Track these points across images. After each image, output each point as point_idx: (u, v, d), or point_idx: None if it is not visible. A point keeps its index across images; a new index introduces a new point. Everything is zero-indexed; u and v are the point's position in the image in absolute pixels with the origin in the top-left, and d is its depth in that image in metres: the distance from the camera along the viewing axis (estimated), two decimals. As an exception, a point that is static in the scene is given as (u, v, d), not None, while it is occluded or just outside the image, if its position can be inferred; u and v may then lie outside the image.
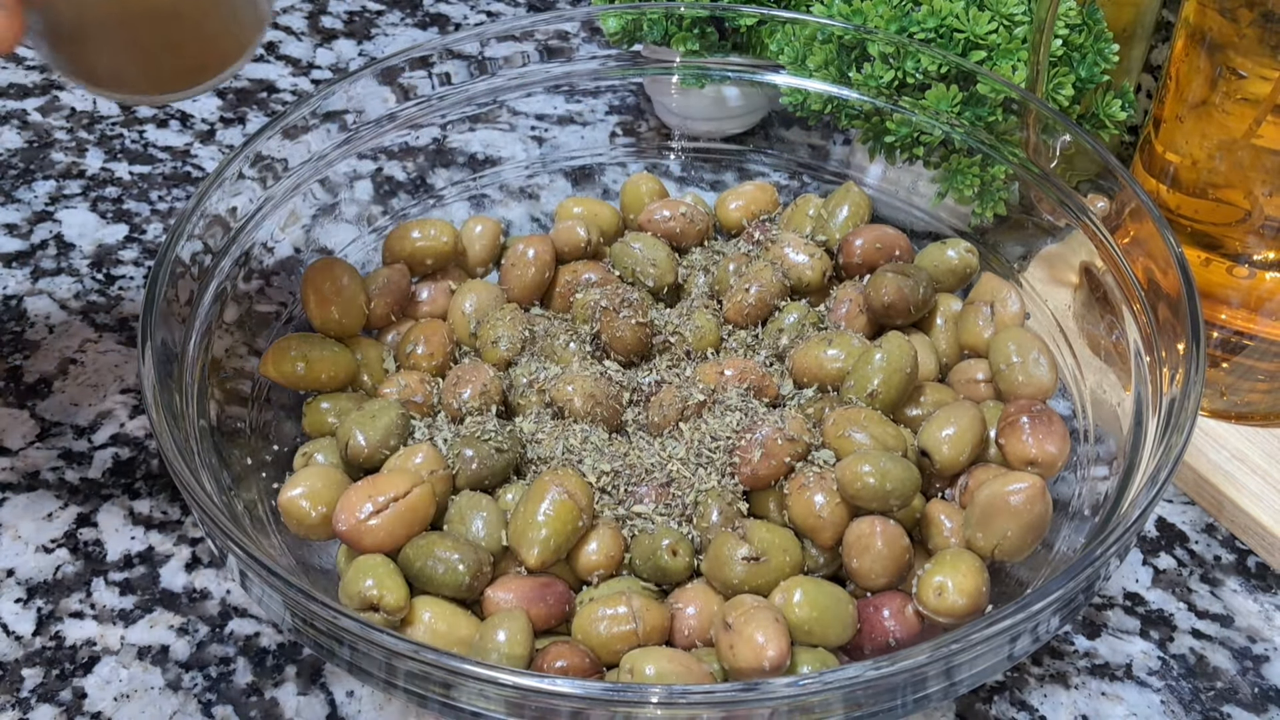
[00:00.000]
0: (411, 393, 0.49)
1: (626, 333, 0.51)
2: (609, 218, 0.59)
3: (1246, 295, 0.52)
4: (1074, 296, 0.53)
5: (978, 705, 0.46)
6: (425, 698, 0.35)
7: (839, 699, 0.34)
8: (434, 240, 0.55)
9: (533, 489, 0.44)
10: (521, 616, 0.41)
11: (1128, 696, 0.47)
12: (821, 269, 0.54)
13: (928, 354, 0.52)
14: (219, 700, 0.46)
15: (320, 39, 0.86)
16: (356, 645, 0.35)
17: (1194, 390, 0.41)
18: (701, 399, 0.48)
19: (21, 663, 0.47)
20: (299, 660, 0.47)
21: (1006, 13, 0.56)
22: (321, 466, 0.47)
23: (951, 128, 0.57)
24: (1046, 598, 0.35)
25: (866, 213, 0.57)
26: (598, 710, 0.34)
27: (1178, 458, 0.39)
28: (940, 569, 0.42)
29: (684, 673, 0.40)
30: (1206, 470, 0.53)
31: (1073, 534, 0.45)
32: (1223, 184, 0.51)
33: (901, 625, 0.42)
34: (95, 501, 0.53)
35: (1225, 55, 0.48)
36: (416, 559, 0.42)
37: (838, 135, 0.63)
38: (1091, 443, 0.49)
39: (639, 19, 0.62)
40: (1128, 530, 0.37)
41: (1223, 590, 0.51)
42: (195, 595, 0.50)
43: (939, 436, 0.46)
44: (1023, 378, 0.49)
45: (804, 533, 0.44)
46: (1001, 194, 0.57)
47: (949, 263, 0.54)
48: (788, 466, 0.45)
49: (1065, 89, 0.57)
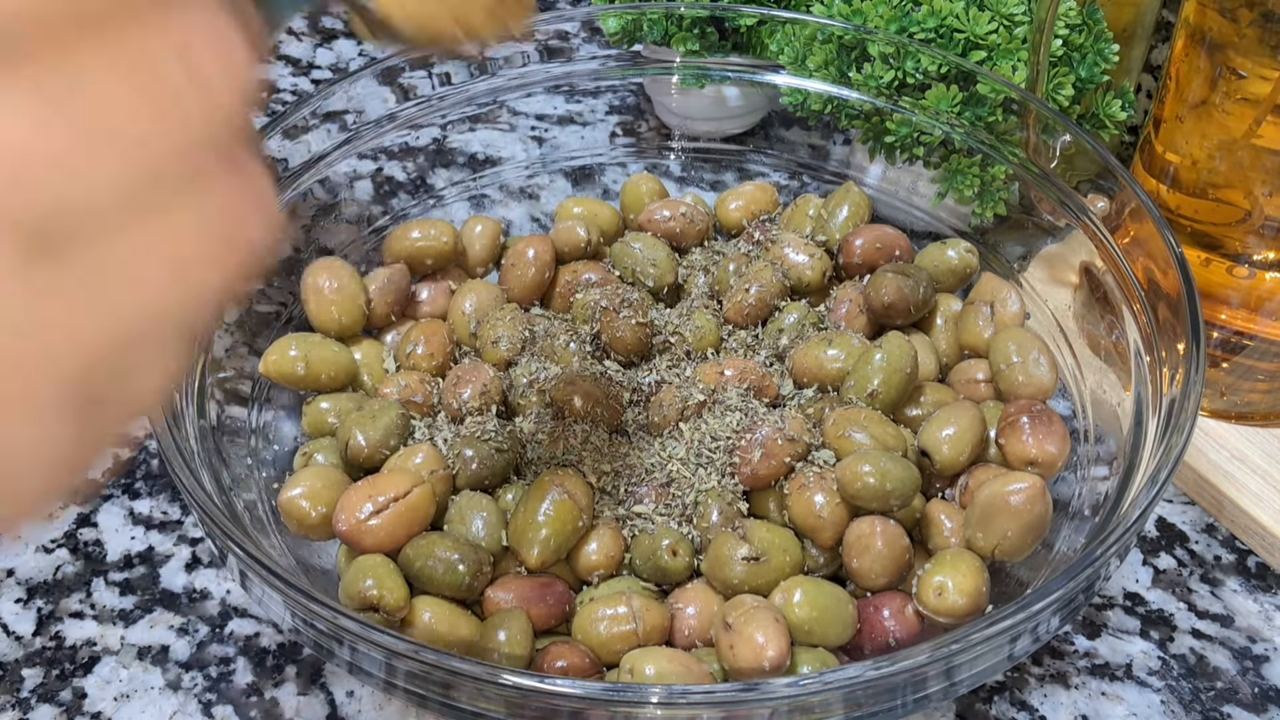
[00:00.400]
0: (411, 393, 0.49)
1: (626, 333, 0.51)
2: (609, 218, 0.59)
3: (1246, 295, 0.52)
4: (1074, 296, 0.53)
5: (978, 705, 0.46)
6: (425, 698, 0.35)
7: (839, 699, 0.34)
8: (434, 240, 0.55)
9: (533, 489, 0.44)
10: (521, 616, 0.41)
11: (1128, 696, 0.47)
12: (821, 269, 0.54)
13: (928, 354, 0.52)
14: (219, 700, 0.46)
15: (320, 39, 0.86)
16: (356, 645, 0.35)
17: (1194, 390, 0.41)
18: (701, 399, 0.48)
19: (22, 663, 0.47)
20: (299, 660, 0.47)
21: (1006, 13, 0.56)
22: (321, 466, 0.47)
23: (951, 128, 0.57)
24: (1046, 598, 0.35)
25: (866, 213, 0.57)
26: (598, 710, 0.34)
27: (1178, 458, 0.39)
28: (940, 569, 0.42)
29: (684, 673, 0.40)
30: (1206, 470, 0.53)
31: (1073, 534, 0.45)
32: (1223, 184, 0.51)
33: (901, 625, 0.42)
34: (95, 501, 0.53)
35: (1225, 55, 0.48)
36: (416, 559, 0.42)
37: (838, 135, 0.63)
38: (1091, 443, 0.49)
39: (639, 19, 0.62)
40: (1128, 530, 0.37)
41: (1223, 590, 0.51)
42: (195, 595, 0.50)
43: (939, 436, 0.46)
44: (1023, 378, 0.49)
45: (804, 533, 0.44)
46: (1001, 194, 0.57)
47: (949, 263, 0.54)
48: (788, 466, 0.45)
49: (1065, 89, 0.57)
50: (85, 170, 0.16)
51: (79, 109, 0.16)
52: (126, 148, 0.17)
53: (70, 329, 0.17)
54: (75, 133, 0.16)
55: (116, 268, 0.17)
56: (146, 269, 0.18)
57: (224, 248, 0.19)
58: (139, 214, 0.17)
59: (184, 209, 0.18)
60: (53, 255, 0.17)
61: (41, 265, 0.16)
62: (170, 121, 0.17)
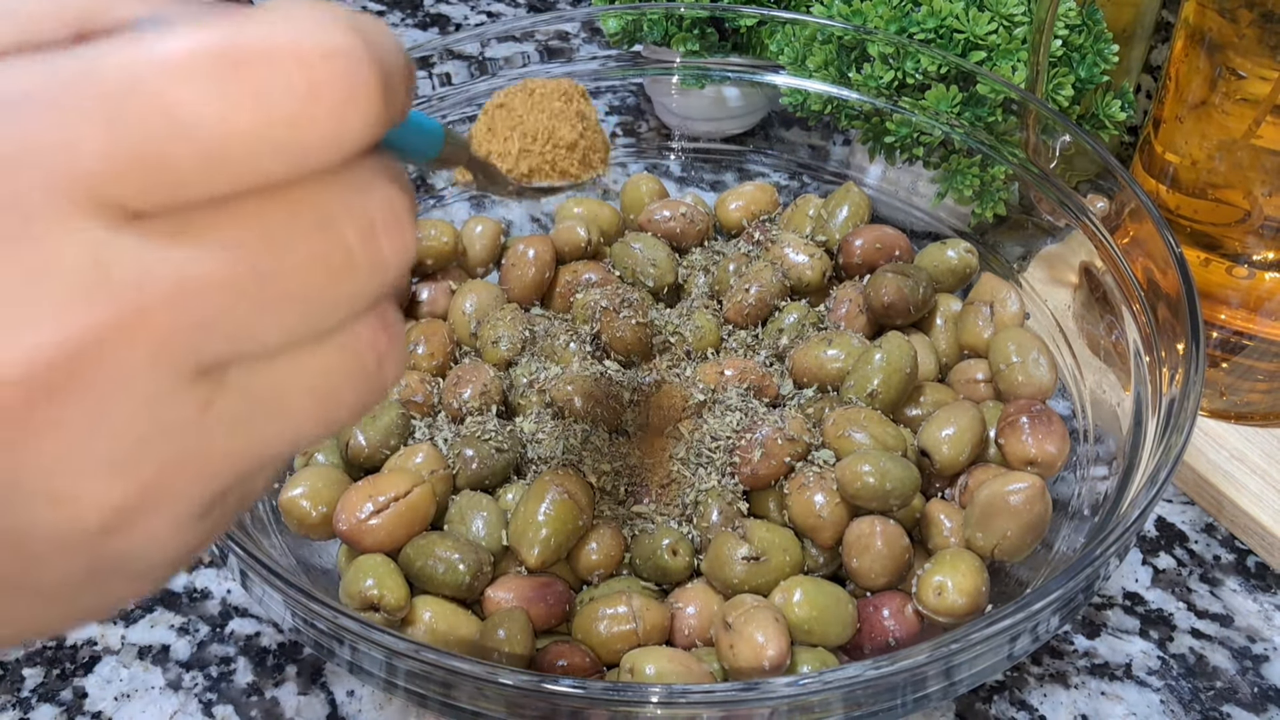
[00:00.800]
0: (412, 393, 0.49)
1: (626, 333, 0.51)
2: (609, 218, 0.59)
3: (1246, 295, 0.52)
4: (1074, 296, 0.53)
5: (978, 705, 0.46)
6: (425, 697, 0.35)
7: (839, 699, 0.34)
8: (434, 240, 0.55)
9: (533, 489, 0.44)
10: (521, 616, 0.41)
11: (1127, 696, 0.47)
12: (821, 269, 0.54)
13: (928, 354, 0.52)
14: (219, 700, 0.46)
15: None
16: (357, 645, 0.35)
17: (1194, 390, 0.41)
18: (701, 399, 0.48)
19: (22, 662, 0.47)
20: (299, 660, 0.47)
21: (1006, 13, 0.56)
22: (322, 466, 0.47)
23: (951, 128, 0.57)
24: (1046, 597, 0.35)
25: (866, 213, 0.57)
26: (598, 710, 0.34)
27: (1177, 458, 0.39)
28: (940, 569, 0.42)
29: (684, 673, 0.40)
30: (1206, 470, 0.53)
31: (1072, 534, 0.45)
32: (1222, 184, 0.51)
33: (901, 625, 0.42)
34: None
35: (1225, 55, 0.48)
36: (417, 559, 0.42)
37: (838, 135, 0.63)
38: (1091, 443, 0.49)
39: (639, 19, 0.62)
40: (1127, 530, 0.37)
41: (1222, 590, 0.51)
42: (196, 595, 0.50)
43: (939, 436, 0.46)
44: (1022, 378, 0.49)
45: (804, 533, 0.44)
46: (1001, 194, 0.57)
47: (949, 263, 0.54)
48: (788, 466, 0.45)
49: (1065, 89, 0.57)
50: (259, 313, 0.18)
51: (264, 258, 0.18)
52: (300, 299, 0.19)
53: (227, 450, 0.19)
54: (257, 279, 0.18)
55: (274, 399, 0.19)
56: (298, 401, 0.20)
57: (363, 389, 0.21)
58: (296, 352, 0.19)
59: (335, 351, 0.20)
60: (217, 381, 0.19)
61: (206, 387, 0.18)
62: (341, 284, 0.19)
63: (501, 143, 0.35)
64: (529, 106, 0.35)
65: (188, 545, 0.20)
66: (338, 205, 0.19)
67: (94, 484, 0.18)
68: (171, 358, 0.18)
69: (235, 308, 0.18)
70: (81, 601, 0.20)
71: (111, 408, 0.17)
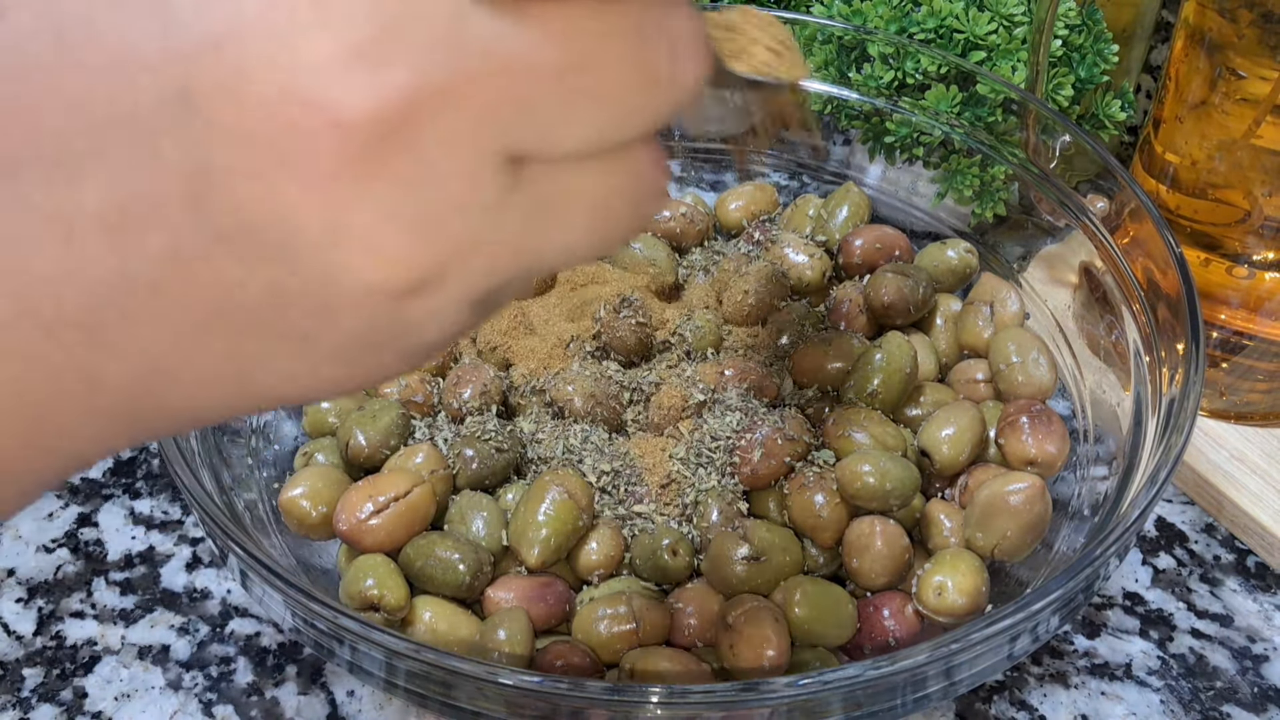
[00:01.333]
0: (412, 393, 0.49)
1: (626, 333, 0.51)
2: (609, 218, 0.59)
3: (1246, 295, 0.52)
4: (1074, 296, 0.53)
5: (977, 705, 0.46)
6: (425, 697, 0.35)
7: (839, 699, 0.34)
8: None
9: (533, 489, 0.44)
10: (521, 616, 0.41)
11: (1127, 696, 0.47)
12: (821, 269, 0.54)
13: (928, 354, 0.52)
14: (219, 700, 0.46)
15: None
16: (357, 645, 0.35)
17: (1194, 390, 0.41)
18: (701, 399, 0.48)
19: (22, 662, 0.47)
20: (299, 660, 0.47)
21: (1006, 13, 0.56)
22: (322, 466, 0.47)
23: (951, 128, 0.57)
24: (1046, 597, 0.35)
25: (866, 213, 0.57)
26: (598, 710, 0.34)
27: (1177, 458, 0.39)
28: (940, 569, 0.42)
29: (684, 673, 0.40)
30: (1206, 470, 0.53)
31: (1072, 534, 0.45)
32: (1222, 184, 0.51)
33: (901, 625, 0.42)
34: (96, 501, 0.53)
35: (1225, 55, 0.48)
36: (417, 559, 0.42)
37: (838, 135, 0.63)
38: (1091, 443, 0.49)
39: (639, 19, 0.62)
40: (1127, 530, 0.37)
41: (1222, 590, 0.51)
42: (196, 595, 0.50)
43: (939, 436, 0.46)
44: (1022, 378, 0.49)
45: (804, 533, 0.44)
46: (1001, 194, 0.57)
47: (949, 263, 0.54)
48: (788, 466, 0.45)
49: (1065, 89, 0.57)
50: (572, 107, 0.18)
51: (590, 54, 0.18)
52: (609, 102, 0.19)
53: (515, 244, 0.19)
54: (580, 72, 0.18)
55: (559, 204, 0.19)
56: (579, 213, 0.20)
57: (635, 213, 0.21)
58: (586, 162, 0.19)
59: (619, 169, 0.20)
60: (516, 174, 0.19)
61: (509, 175, 0.18)
62: (647, 95, 0.19)
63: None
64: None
65: (456, 328, 0.20)
66: (655, 18, 0.19)
67: (409, 243, 0.18)
68: (491, 132, 0.18)
69: (554, 96, 0.18)
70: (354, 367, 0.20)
71: (434, 168, 0.18)
